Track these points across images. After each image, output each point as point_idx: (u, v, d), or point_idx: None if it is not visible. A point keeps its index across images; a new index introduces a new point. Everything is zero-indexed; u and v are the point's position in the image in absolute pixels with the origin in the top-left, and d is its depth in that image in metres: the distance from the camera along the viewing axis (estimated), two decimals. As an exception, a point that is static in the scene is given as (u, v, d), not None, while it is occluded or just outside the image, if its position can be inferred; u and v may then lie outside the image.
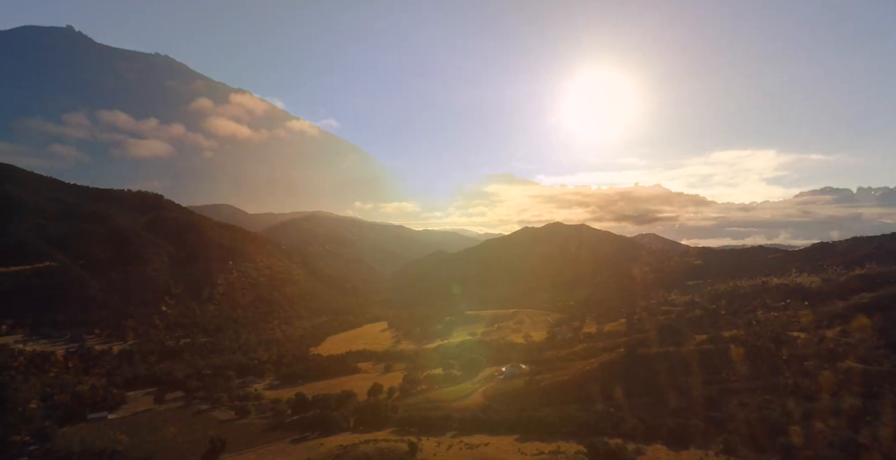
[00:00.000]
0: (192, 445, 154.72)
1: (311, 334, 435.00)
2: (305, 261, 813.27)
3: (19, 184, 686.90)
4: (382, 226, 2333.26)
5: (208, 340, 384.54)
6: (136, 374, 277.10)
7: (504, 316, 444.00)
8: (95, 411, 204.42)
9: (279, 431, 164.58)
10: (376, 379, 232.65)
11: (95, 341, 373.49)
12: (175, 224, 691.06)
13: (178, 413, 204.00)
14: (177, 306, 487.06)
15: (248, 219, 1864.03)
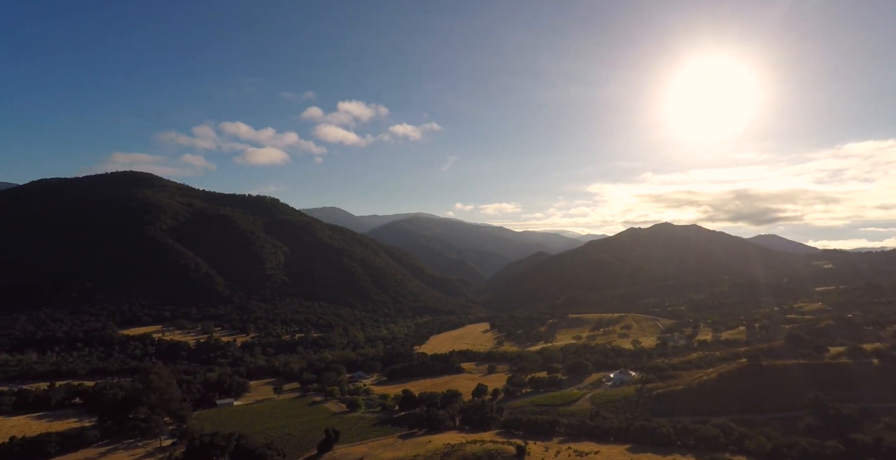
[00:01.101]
0: (309, 434, 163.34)
1: (416, 333, 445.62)
2: (409, 261, 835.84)
3: (158, 190, 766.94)
4: (482, 227, 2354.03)
5: (320, 335, 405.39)
6: (257, 365, 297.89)
7: (610, 320, 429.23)
8: (223, 397, 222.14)
9: (388, 426, 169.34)
10: (480, 380, 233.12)
11: (222, 333, 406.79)
12: (289, 226, 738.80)
13: (294, 403, 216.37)
14: (291, 303, 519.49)
15: (354, 221, 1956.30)
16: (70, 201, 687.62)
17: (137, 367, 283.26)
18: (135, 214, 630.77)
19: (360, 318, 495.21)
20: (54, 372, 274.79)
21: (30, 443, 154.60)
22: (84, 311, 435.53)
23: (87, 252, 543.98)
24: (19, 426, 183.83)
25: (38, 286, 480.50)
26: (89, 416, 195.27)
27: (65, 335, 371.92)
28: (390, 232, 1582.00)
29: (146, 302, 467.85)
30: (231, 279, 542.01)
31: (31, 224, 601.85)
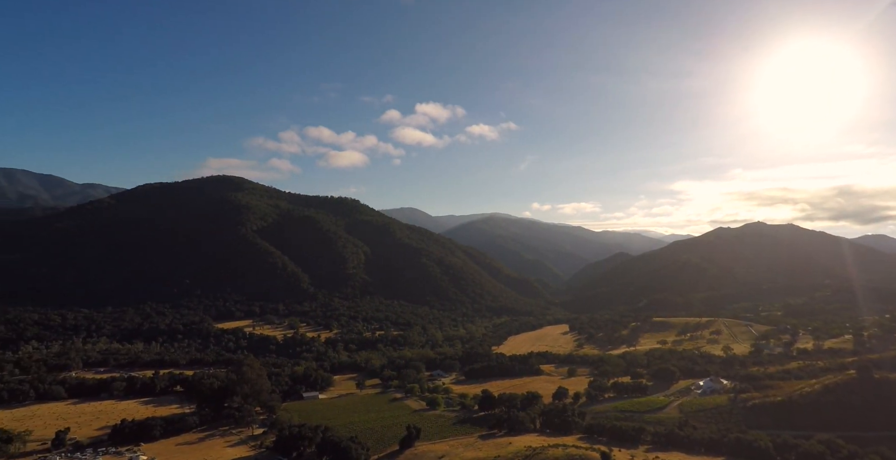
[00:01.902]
0: (390, 430, 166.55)
1: (493, 333, 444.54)
2: (485, 261, 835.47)
3: (248, 192, 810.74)
4: (560, 227, 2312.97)
5: (399, 333, 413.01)
6: (340, 361, 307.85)
7: (697, 324, 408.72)
8: (309, 390, 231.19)
9: (467, 425, 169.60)
10: (560, 383, 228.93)
11: (307, 329, 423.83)
12: (369, 226, 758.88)
13: (376, 399, 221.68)
14: (372, 301, 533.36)
15: (431, 221, 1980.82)
16: (170, 204, 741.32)
17: (231, 359, 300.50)
18: (227, 216, 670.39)
19: (438, 317, 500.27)
20: (158, 362, 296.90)
21: (138, 426, 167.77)
22: (183, 306, 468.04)
23: (186, 251, 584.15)
24: (129, 410, 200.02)
25: (143, 282, 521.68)
26: (189, 403, 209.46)
27: (167, 327, 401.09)
28: (466, 232, 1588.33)
29: (238, 298, 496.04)
30: (315, 277, 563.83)
31: (137, 225, 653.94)
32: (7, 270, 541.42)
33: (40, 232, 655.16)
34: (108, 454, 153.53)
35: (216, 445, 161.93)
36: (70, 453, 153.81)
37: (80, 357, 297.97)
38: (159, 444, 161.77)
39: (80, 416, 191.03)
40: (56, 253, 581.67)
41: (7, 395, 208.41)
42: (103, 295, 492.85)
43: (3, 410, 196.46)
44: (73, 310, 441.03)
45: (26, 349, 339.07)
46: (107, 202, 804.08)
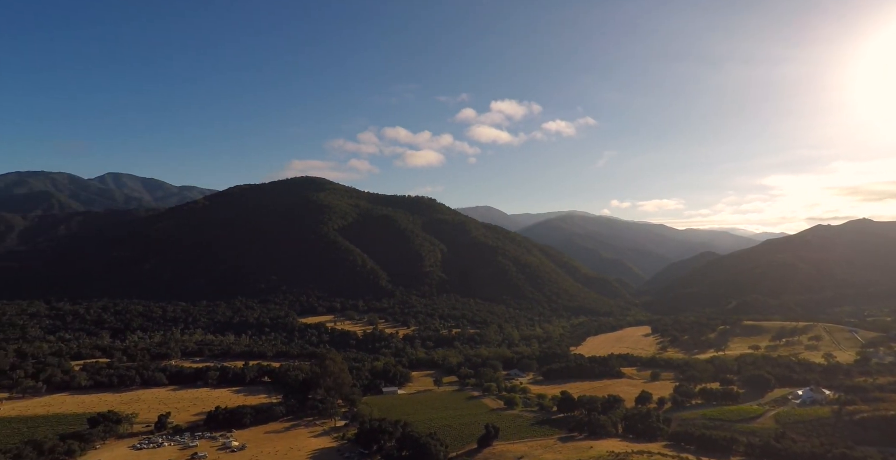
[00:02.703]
0: (468, 428, 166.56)
1: (571, 333, 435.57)
2: (562, 260, 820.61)
3: (329, 192, 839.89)
4: (640, 224, 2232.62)
5: (476, 332, 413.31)
6: (418, 357, 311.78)
7: (794, 329, 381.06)
8: (388, 386, 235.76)
9: (546, 427, 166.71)
10: (643, 386, 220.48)
11: (385, 325, 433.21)
12: (446, 225, 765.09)
13: (453, 396, 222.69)
14: (448, 299, 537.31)
15: (507, 220, 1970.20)
16: (258, 204, 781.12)
17: (315, 353, 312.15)
18: (310, 215, 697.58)
19: (514, 316, 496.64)
20: (248, 353, 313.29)
21: (231, 413, 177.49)
22: (270, 301, 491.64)
23: (272, 248, 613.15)
24: (222, 397, 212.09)
25: (234, 278, 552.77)
26: (276, 393, 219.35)
27: (255, 321, 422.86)
28: (543, 230, 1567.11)
29: (321, 294, 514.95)
30: (393, 275, 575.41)
31: (228, 224, 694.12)
32: (116, 266, 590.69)
33: (143, 231, 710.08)
34: (203, 438, 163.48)
35: (301, 435, 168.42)
36: (170, 436, 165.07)
37: (178, 347, 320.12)
38: (249, 431, 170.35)
39: (178, 402, 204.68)
40: (157, 250, 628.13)
41: (117, 380, 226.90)
42: (199, 289, 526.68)
43: (113, 394, 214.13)
44: (172, 304, 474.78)
45: (132, 338, 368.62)
46: (201, 203, 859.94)
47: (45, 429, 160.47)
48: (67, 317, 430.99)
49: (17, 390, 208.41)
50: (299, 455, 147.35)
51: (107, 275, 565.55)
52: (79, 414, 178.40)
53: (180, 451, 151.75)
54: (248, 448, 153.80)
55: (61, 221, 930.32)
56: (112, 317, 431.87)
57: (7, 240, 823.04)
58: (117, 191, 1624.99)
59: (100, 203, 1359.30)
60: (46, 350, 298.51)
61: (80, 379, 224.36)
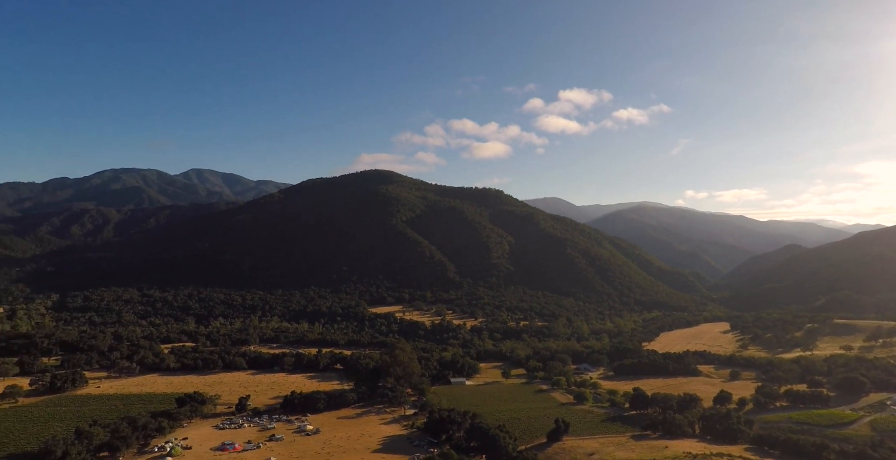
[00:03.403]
0: (537, 421, 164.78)
1: (644, 328, 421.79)
2: (634, 252, 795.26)
3: (397, 185, 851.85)
4: (718, 216, 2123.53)
5: (544, 325, 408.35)
6: (486, 349, 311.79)
7: (892, 329, 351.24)
8: (456, 376, 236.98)
9: (618, 424, 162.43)
10: (722, 386, 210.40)
11: (453, 316, 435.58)
12: (513, 216, 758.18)
13: (521, 389, 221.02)
14: (516, 291, 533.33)
15: (576, 211, 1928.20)
16: (329, 197, 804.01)
17: (384, 342, 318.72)
18: (379, 207, 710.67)
19: (583, 309, 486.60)
20: (320, 341, 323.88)
21: (305, 398, 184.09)
22: (342, 291, 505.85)
23: (343, 240, 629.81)
24: (297, 383, 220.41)
25: (307, 268, 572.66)
26: (347, 380, 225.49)
27: (328, 310, 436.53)
28: (613, 222, 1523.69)
29: (390, 284, 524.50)
30: (460, 266, 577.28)
31: (301, 216, 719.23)
32: (200, 257, 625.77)
33: (224, 223, 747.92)
34: (280, 421, 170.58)
35: (372, 421, 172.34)
36: (250, 417, 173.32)
37: (256, 333, 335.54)
38: (322, 416, 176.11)
39: (257, 386, 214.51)
40: (236, 241, 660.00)
41: (201, 363, 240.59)
42: (274, 279, 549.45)
43: (198, 376, 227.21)
44: (250, 292, 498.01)
45: (215, 324, 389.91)
46: (276, 196, 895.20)
47: (139, 407, 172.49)
48: (157, 303, 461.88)
49: (114, 370, 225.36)
50: (370, 441, 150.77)
51: (191, 265, 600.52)
52: (168, 393, 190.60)
53: (259, 433, 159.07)
54: (321, 432, 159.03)
55: (151, 215, 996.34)
56: (197, 304, 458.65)
57: (104, 232, 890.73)
58: (200, 185, 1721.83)
59: (184, 197, 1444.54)
60: (139, 333, 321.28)
61: (168, 362, 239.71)
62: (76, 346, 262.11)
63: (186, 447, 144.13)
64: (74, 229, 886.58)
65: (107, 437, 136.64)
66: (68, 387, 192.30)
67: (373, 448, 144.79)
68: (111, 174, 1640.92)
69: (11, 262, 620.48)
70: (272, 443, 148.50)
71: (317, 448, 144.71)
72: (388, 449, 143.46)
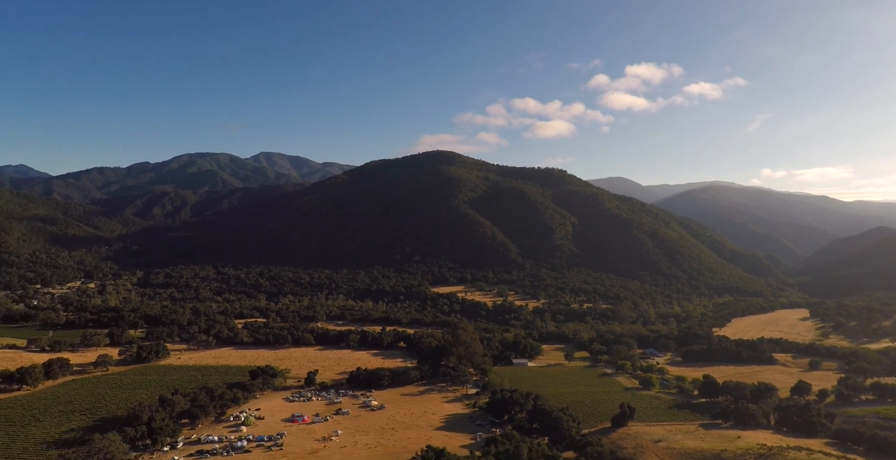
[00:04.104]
0: (601, 405, 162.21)
1: (714, 313, 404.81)
2: (705, 234, 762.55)
3: (459, 166, 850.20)
4: (797, 196, 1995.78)
5: (608, 307, 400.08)
6: (548, 331, 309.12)
7: None
8: (518, 357, 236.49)
9: (686, 411, 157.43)
10: (800, 376, 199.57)
11: (515, 297, 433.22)
12: (576, 197, 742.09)
13: (584, 372, 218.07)
14: (579, 273, 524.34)
15: (642, 191, 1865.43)
16: (392, 178, 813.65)
17: (446, 321, 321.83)
18: (441, 188, 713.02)
19: (649, 293, 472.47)
20: (384, 319, 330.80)
21: (370, 375, 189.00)
22: (404, 270, 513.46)
23: (406, 220, 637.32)
24: (362, 359, 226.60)
25: (371, 248, 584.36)
26: (410, 358, 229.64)
27: (391, 289, 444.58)
28: (682, 202, 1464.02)
29: (452, 265, 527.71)
30: (522, 247, 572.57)
31: (365, 197, 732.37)
32: (269, 236, 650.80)
33: (291, 204, 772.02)
34: (346, 396, 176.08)
35: (434, 399, 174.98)
36: (318, 391, 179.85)
37: (323, 310, 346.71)
38: (386, 392, 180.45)
39: (324, 361, 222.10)
40: (303, 222, 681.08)
41: (272, 338, 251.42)
42: (340, 258, 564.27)
43: (269, 350, 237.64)
44: (317, 271, 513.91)
45: (284, 301, 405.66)
46: (341, 178, 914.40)
47: (215, 378, 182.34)
48: (231, 280, 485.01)
49: (193, 343, 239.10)
50: (433, 418, 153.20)
51: (262, 244, 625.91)
52: (241, 366, 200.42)
53: (326, 406, 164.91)
54: (385, 408, 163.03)
55: (224, 196, 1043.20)
56: (267, 281, 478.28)
57: (182, 213, 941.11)
58: (269, 168, 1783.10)
59: (254, 179, 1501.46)
60: (215, 309, 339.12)
61: (242, 336, 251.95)
62: (159, 320, 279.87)
63: (259, 417, 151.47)
64: (156, 210, 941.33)
65: (187, 406, 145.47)
66: (152, 358, 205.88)
67: (435, 425, 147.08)
68: (187, 158, 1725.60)
69: (101, 241, 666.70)
70: (339, 417, 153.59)
71: (381, 423, 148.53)
72: (450, 428, 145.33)
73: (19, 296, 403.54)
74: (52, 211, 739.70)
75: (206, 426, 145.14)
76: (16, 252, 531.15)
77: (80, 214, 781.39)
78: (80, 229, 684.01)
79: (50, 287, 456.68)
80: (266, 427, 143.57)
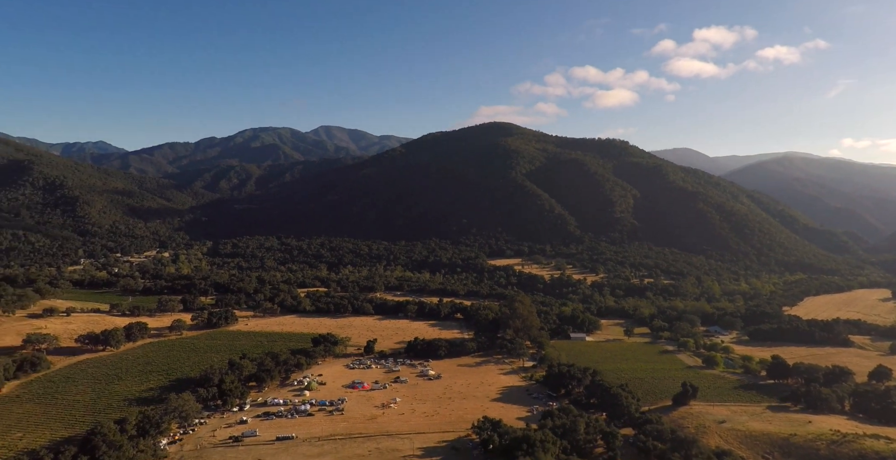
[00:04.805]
0: (661, 383, 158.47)
1: (785, 291, 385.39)
2: (777, 208, 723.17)
3: (517, 137, 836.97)
4: (882, 168, 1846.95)
5: (670, 283, 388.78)
6: (606, 306, 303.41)
7: None
8: (575, 332, 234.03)
9: (752, 392, 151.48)
10: (879, 360, 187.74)
11: (573, 271, 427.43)
12: (639, 168, 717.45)
13: (644, 348, 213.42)
14: (640, 247, 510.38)
15: (709, 163, 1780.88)
16: (448, 150, 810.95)
17: (503, 294, 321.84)
18: (498, 160, 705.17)
19: (714, 268, 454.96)
20: (441, 290, 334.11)
21: (428, 345, 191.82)
22: (461, 243, 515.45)
23: (463, 193, 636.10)
24: (420, 329, 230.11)
25: (428, 220, 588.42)
26: (467, 330, 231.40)
27: (448, 261, 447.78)
28: (753, 174, 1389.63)
29: (508, 237, 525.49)
30: (581, 220, 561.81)
31: (422, 170, 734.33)
32: (330, 208, 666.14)
33: (350, 177, 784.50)
34: (404, 364, 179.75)
35: (491, 371, 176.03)
36: (377, 359, 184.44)
37: (381, 281, 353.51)
38: (443, 362, 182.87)
39: (383, 330, 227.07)
40: (362, 194, 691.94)
41: (333, 307, 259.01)
42: (398, 230, 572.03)
43: (330, 319, 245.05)
44: (376, 242, 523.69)
45: (344, 271, 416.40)
46: (398, 151, 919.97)
47: (280, 344, 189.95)
48: (294, 251, 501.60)
49: (259, 310, 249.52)
50: (489, 390, 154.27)
51: (322, 216, 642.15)
52: (304, 333, 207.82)
53: (385, 374, 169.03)
54: (442, 378, 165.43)
55: (286, 170, 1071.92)
56: (328, 252, 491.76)
57: (247, 186, 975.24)
58: (328, 142, 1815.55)
59: (315, 153, 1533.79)
60: (279, 278, 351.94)
61: (304, 305, 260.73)
62: (227, 288, 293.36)
63: (321, 382, 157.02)
64: (222, 183, 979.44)
65: (254, 369, 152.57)
66: (222, 323, 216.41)
67: (492, 396, 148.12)
68: (251, 133, 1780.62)
69: (173, 213, 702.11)
70: (397, 385, 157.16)
71: (438, 392, 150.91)
72: (506, 399, 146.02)
73: (102, 264, 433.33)
74: (129, 184, 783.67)
75: (272, 389, 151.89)
76: (98, 223, 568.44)
77: (154, 188, 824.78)
78: (154, 201, 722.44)
79: (129, 256, 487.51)
80: (328, 392, 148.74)
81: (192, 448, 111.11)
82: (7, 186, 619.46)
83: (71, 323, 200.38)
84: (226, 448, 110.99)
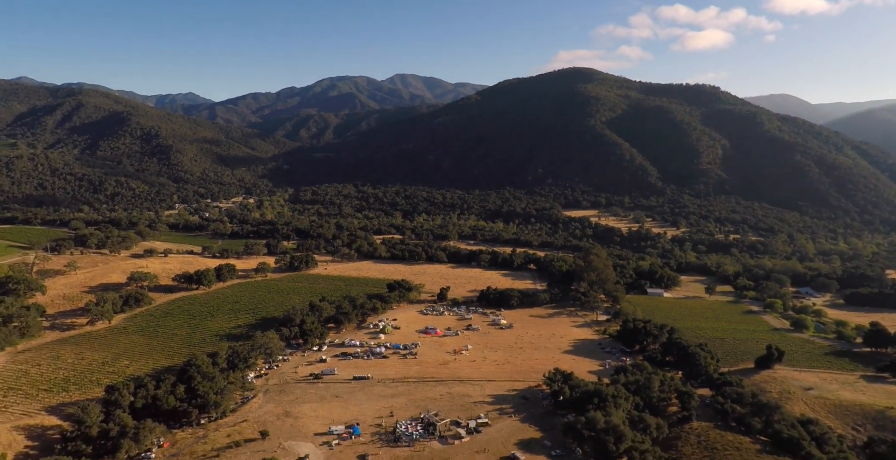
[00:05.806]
0: (744, 345, 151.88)
1: (889, 253, 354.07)
2: (888, 162, 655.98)
3: (597, 83, 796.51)
4: None
5: (758, 240, 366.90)
6: (687, 261, 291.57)
7: None
8: (653, 287, 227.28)
9: (845, 360, 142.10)
10: None
11: (652, 224, 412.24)
12: (730, 116, 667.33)
13: (726, 307, 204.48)
14: (727, 201, 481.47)
15: (810, 111, 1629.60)
16: (525, 97, 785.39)
17: (578, 246, 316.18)
18: (577, 107, 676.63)
19: (809, 226, 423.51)
20: (514, 240, 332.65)
21: (500, 294, 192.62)
22: (536, 192, 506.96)
23: (539, 141, 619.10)
24: (492, 279, 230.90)
25: (502, 169, 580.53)
26: (540, 281, 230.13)
27: (522, 211, 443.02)
28: (861, 123, 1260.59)
29: (585, 188, 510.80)
30: (664, 171, 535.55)
31: (497, 118, 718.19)
32: (405, 157, 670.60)
33: (425, 125, 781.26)
34: (476, 313, 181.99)
35: (563, 323, 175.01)
36: (449, 307, 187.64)
37: (455, 230, 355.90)
38: (515, 312, 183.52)
39: (455, 278, 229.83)
40: (437, 143, 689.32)
41: (407, 255, 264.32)
42: (472, 179, 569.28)
43: (405, 265, 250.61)
44: (450, 191, 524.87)
45: (419, 220, 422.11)
46: (474, 98, 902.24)
47: (357, 288, 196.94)
48: (370, 198, 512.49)
49: (337, 255, 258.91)
50: (561, 342, 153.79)
51: (398, 164, 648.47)
52: (380, 279, 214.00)
53: (457, 321, 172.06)
54: (514, 328, 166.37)
55: (362, 118, 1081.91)
56: (403, 200, 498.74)
57: (325, 135, 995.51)
58: (403, 90, 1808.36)
59: (390, 101, 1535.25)
60: (356, 225, 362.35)
61: (380, 251, 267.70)
62: (308, 233, 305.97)
63: (396, 327, 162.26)
64: (302, 132, 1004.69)
65: (333, 312, 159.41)
66: (303, 267, 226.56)
67: (563, 348, 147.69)
68: (329, 82, 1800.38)
69: (257, 161, 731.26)
70: (469, 332, 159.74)
71: (510, 341, 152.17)
72: (578, 352, 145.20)
73: (194, 209, 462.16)
74: (217, 134, 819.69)
75: (349, 331, 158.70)
76: (190, 170, 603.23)
77: (239, 137, 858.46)
78: (239, 150, 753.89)
79: (217, 201, 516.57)
80: (402, 336, 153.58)
81: (277, 382, 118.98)
82: (109, 137, 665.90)
83: (168, 263, 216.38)
84: (307, 384, 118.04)
